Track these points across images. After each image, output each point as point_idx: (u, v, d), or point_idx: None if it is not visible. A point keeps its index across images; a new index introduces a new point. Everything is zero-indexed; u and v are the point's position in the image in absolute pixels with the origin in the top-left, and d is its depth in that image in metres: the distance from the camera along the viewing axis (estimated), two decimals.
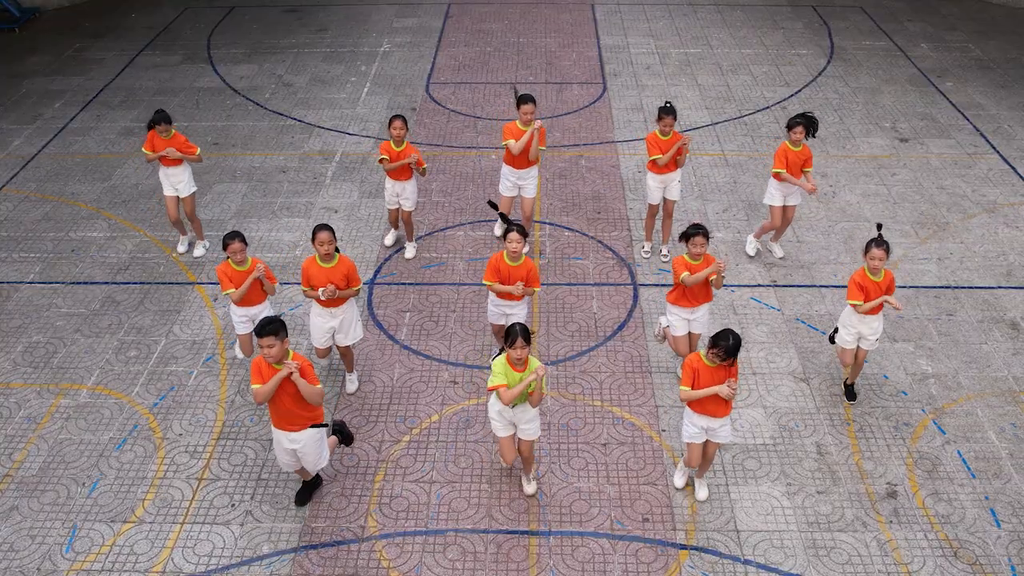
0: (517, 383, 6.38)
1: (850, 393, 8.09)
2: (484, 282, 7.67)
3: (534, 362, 6.45)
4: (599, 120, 13.23)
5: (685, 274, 7.51)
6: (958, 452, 7.56)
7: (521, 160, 9.44)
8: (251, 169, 11.95)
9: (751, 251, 10.00)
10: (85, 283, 9.72)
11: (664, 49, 15.73)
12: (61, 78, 14.69)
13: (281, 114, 13.48)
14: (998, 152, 12.29)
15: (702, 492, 7.10)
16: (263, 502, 7.11)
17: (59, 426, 7.85)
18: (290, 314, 9.16)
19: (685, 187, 11.37)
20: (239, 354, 8.32)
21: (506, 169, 9.60)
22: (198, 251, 10.10)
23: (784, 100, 13.78)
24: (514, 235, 7.43)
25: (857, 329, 7.68)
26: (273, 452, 7.54)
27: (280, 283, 9.62)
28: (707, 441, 6.81)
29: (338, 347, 7.97)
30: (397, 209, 9.76)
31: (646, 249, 10.06)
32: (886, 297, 7.44)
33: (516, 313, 7.81)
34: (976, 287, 9.58)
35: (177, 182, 9.69)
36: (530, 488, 7.13)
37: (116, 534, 6.84)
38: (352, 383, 8.23)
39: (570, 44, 16.04)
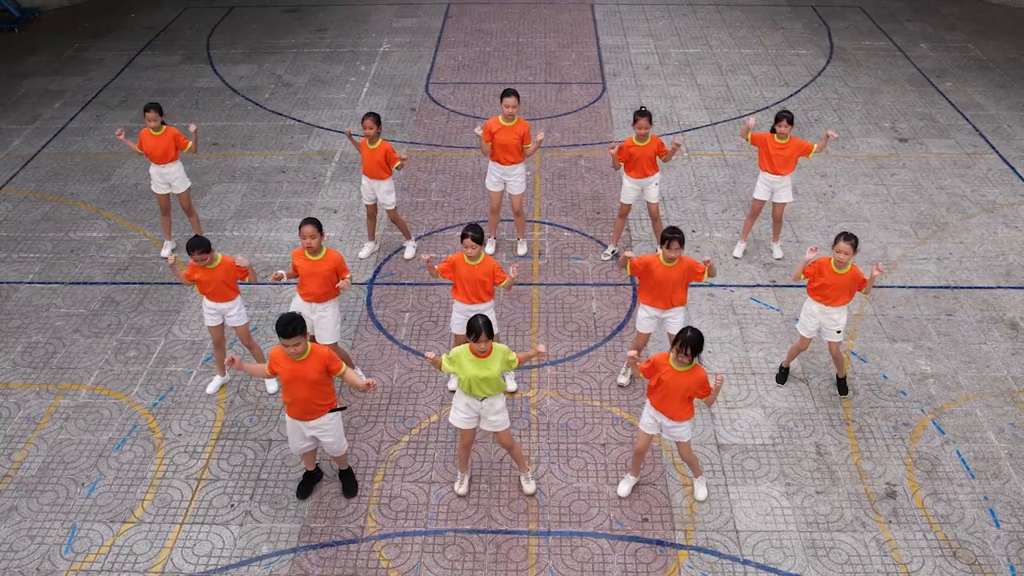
0: (472, 371, 6.42)
1: (842, 387, 8.13)
2: (437, 272, 7.63)
3: (499, 349, 6.47)
4: (598, 120, 13.23)
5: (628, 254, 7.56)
6: (957, 452, 7.56)
7: (505, 156, 9.41)
8: (250, 169, 11.95)
9: (738, 253, 10.01)
10: (84, 283, 9.72)
11: (664, 49, 15.73)
12: (60, 78, 14.69)
13: (280, 114, 13.48)
14: (997, 152, 12.29)
15: (701, 492, 7.10)
16: (262, 502, 7.11)
17: (58, 426, 7.85)
18: None
19: (685, 187, 11.38)
20: (210, 389, 8.25)
21: (491, 165, 9.58)
22: None
23: (783, 100, 13.78)
24: (468, 240, 7.37)
25: (817, 319, 7.74)
26: (272, 452, 7.55)
27: (280, 283, 9.61)
28: (676, 442, 6.86)
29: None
30: (374, 205, 9.71)
31: (607, 252, 9.98)
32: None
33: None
34: (975, 287, 9.58)
35: (172, 179, 9.66)
36: (529, 487, 7.13)
37: (115, 534, 6.84)
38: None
39: (570, 44, 16.05)
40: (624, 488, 7.13)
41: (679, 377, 6.38)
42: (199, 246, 7.43)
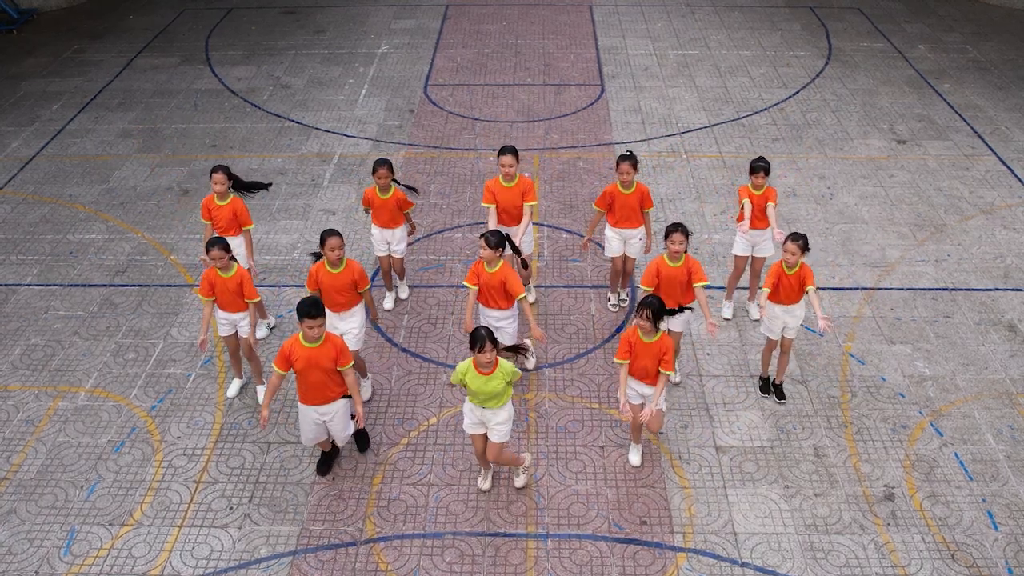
0: (481, 386, 6.47)
1: (779, 392, 8.09)
2: (465, 284, 7.69)
3: (505, 365, 6.50)
4: (597, 122, 13.23)
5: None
6: (955, 454, 7.57)
7: (508, 219, 8.64)
8: (249, 171, 11.94)
9: (727, 314, 9.15)
10: (83, 285, 9.72)
11: (662, 51, 15.75)
12: (59, 80, 14.69)
13: (279, 116, 13.48)
14: (995, 153, 12.31)
15: (635, 458, 7.46)
16: (261, 505, 7.11)
17: (57, 429, 7.85)
18: (289, 315, 9.16)
19: (683, 189, 11.39)
20: (231, 392, 8.22)
21: (494, 227, 8.58)
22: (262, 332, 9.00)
23: (782, 101, 13.79)
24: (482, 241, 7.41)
25: (781, 320, 7.70)
26: (271, 455, 7.56)
27: (279, 285, 9.63)
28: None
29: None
30: (388, 257, 8.98)
31: (612, 302, 9.30)
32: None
33: (503, 327, 7.68)
34: (973, 289, 9.59)
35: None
36: (519, 481, 7.23)
37: (114, 537, 6.84)
38: (366, 389, 8.18)
39: (568, 45, 16.06)
40: (634, 458, 7.49)
41: (650, 348, 6.75)
42: (218, 243, 7.37)
